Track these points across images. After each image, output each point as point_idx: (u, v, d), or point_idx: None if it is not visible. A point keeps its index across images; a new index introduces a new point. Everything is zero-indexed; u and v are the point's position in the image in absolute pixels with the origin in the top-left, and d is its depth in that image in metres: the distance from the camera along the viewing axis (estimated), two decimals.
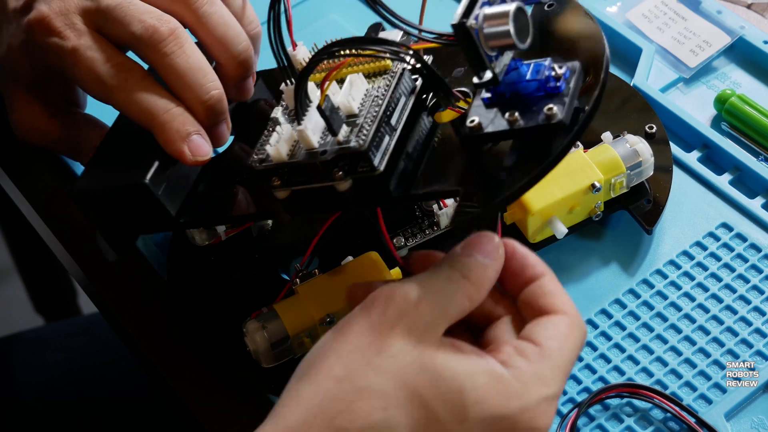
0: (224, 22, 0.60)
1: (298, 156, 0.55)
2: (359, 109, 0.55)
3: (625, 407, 0.58)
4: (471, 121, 0.53)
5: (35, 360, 0.94)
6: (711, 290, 0.61)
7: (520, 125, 0.52)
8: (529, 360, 0.48)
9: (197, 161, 0.57)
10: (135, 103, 0.57)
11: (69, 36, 0.59)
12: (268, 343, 0.57)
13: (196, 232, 0.64)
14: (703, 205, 0.65)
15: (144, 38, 0.58)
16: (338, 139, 0.54)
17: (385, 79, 0.57)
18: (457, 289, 0.49)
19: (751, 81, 0.71)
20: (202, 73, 0.58)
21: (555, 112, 0.51)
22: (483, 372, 0.47)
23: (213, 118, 0.58)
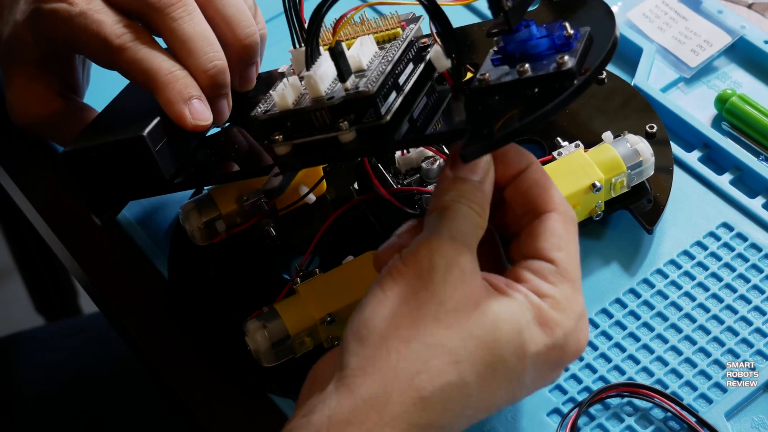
0: (234, 4, 0.60)
1: (304, 104, 0.54)
2: (368, 65, 0.55)
3: (625, 407, 0.58)
4: (481, 74, 0.54)
5: (35, 359, 0.94)
6: (711, 290, 0.61)
7: (529, 74, 0.53)
8: (553, 283, 0.50)
9: (197, 125, 0.57)
10: (139, 63, 0.57)
11: (77, 1, 0.59)
12: (268, 342, 0.57)
13: (196, 232, 0.64)
14: (703, 204, 0.65)
15: (153, 2, 0.58)
16: (346, 86, 0.53)
17: (393, 44, 0.57)
18: (471, 221, 0.50)
19: (751, 81, 0.71)
20: (207, 42, 0.58)
21: (566, 60, 0.52)
22: (528, 307, 0.49)
23: (214, 89, 0.58)
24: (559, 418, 0.58)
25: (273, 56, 0.68)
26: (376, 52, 0.56)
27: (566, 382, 0.59)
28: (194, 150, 0.60)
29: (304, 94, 0.55)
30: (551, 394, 0.59)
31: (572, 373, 0.59)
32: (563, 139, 0.65)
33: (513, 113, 0.52)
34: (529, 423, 0.58)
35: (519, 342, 0.48)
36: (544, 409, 0.58)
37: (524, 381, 0.49)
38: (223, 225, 0.63)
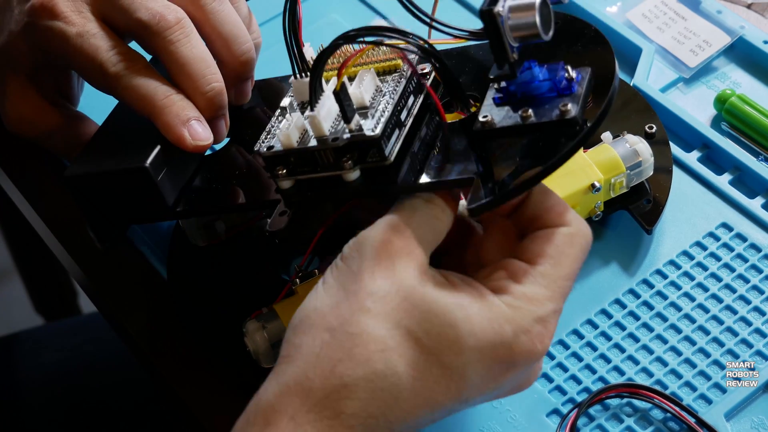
0: (230, 21, 0.60)
1: (308, 143, 0.54)
2: (370, 102, 0.55)
3: (625, 407, 0.58)
4: (484, 116, 0.54)
5: (33, 360, 0.94)
6: (711, 290, 0.61)
7: (532, 120, 0.53)
8: (521, 282, 0.48)
9: (197, 146, 0.57)
10: (135, 90, 0.58)
11: (74, 21, 0.59)
12: (268, 343, 0.57)
13: (196, 232, 0.64)
14: (703, 205, 0.65)
15: (150, 25, 0.58)
16: (350, 127, 0.54)
17: (394, 78, 0.57)
18: (424, 214, 0.49)
19: (751, 81, 0.71)
20: (204, 65, 0.58)
21: (569, 108, 0.52)
22: (473, 301, 0.47)
23: (213, 111, 0.58)
24: (558, 418, 0.58)
25: (269, 59, 0.68)
26: (378, 87, 0.56)
27: (566, 383, 0.59)
28: (194, 172, 0.60)
29: (308, 131, 0.55)
30: (551, 395, 0.59)
31: (572, 374, 0.59)
32: None
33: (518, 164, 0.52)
34: (529, 423, 0.58)
35: (453, 335, 0.46)
36: (543, 409, 0.58)
37: (469, 378, 0.47)
38: (223, 225, 0.63)
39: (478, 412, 0.58)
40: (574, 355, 0.60)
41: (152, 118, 0.57)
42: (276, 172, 0.55)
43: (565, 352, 0.60)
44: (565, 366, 0.60)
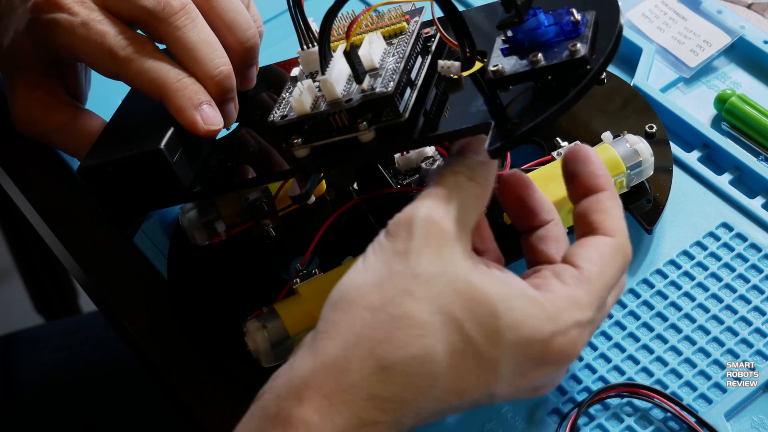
0: (234, 8, 0.60)
1: (321, 107, 0.54)
2: (380, 63, 0.55)
3: (625, 407, 0.58)
4: (494, 65, 0.54)
5: (32, 359, 0.94)
6: (711, 290, 0.61)
7: (542, 64, 0.53)
8: (566, 283, 0.48)
9: (209, 130, 0.57)
10: (147, 73, 0.58)
11: (78, 11, 0.59)
12: (268, 342, 0.57)
13: (196, 232, 0.64)
14: (703, 204, 0.65)
15: (156, 11, 0.58)
16: (363, 87, 0.54)
17: (401, 39, 0.57)
18: (468, 194, 0.49)
19: (751, 81, 0.71)
20: (212, 48, 0.58)
21: (579, 47, 0.52)
22: (517, 295, 0.47)
23: (222, 94, 0.58)
24: (558, 418, 0.58)
25: (272, 56, 0.68)
26: (386, 49, 0.56)
27: (566, 383, 0.59)
28: (208, 155, 0.60)
29: (320, 96, 0.55)
30: (551, 394, 0.59)
31: (572, 373, 0.59)
32: (563, 139, 0.65)
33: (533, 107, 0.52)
34: (529, 423, 0.58)
35: (494, 326, 0.46)
36: (543, 409, 0.58)
37: (500, 372, 0.47)
38: (223, 225, 0.63)
39: (478, 411, 0.58)
40: None
41: (165, 101, 0.57)
42: (291, 141, 0.55)
43: None
44: None
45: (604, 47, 0.53)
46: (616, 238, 0.51)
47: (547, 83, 0.53)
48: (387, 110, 0.54)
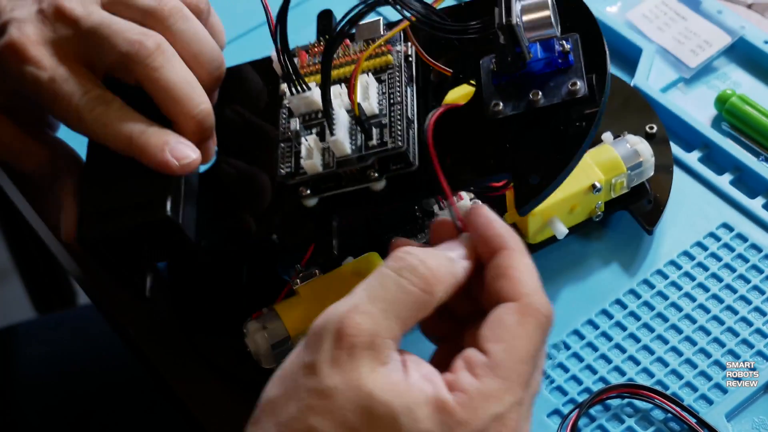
0: (198, 39, 0.59)
1: (333, 165, 0.55)
2: (379, 108, 0.56)
3: (625, 408, 0.58)
4: (495, 104, 0.54)
5: (21, 353, 0.93)
6: (711, 290, 0.61)
7: (543, 103, 0.53)
8: (476, 375, 0.45)
9: (184, 165, 0.56)
10: (113, 135, 0.57)
11: (45, 65, 0.58)
12: (268, 343, 0.57)
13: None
14: (703, 205, 0.65)
15: (131, 54, 0.57)
16: (372, 143, 0.54)
17: (391, 76, 0.57)
18: (395, 289, 0.46)
19: (751, 81, 0.71)
20: (190, 87, 0.58)
21: (579, 86, 0.53)
22: (423, 403, 0.44)
23: (203, 132, 0.58)
24: (559, 419, 0.58)
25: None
26: (378, 88, 0.56)
27: (566, 383, 0.59)
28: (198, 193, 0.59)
29: (325, 148, 0.55)
30: (551, 395, 0.59)
31: (572, 374, 0.59)
32: None
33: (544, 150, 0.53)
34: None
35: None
36: (544, 410, 0.58)
37: None
38: None
39: None
40: (575, 355, 0.60)
41: (134, 156, 0.57)
42: (300, 193, 0.55)
43: (566, 352, 0.60)
44: (566, 366, 0.60)
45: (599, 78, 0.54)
46: (520, 301, 0.46)
47: (557, 127, 0.54)
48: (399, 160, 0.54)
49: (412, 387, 0.45)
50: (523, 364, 0.46)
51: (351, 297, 0.46)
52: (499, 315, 0.46)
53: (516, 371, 0.45)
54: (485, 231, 0.48)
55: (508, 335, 0.46)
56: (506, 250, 0.48)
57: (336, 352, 0.45)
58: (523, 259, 0.48)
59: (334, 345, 0.45)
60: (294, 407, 0.45)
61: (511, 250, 0.48)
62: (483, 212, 0.49)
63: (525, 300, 0.46)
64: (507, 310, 0.46)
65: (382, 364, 0.45)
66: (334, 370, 0.45)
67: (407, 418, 0.44)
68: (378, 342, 0.45)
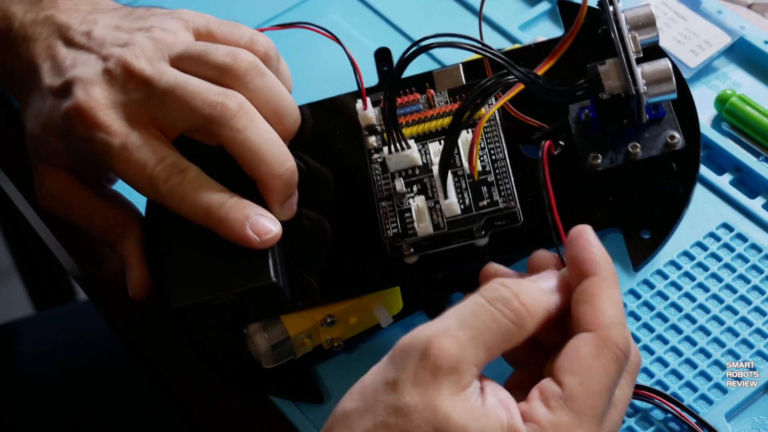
0: (275, 95, 0.57)
1: (444, 226, 0.56)
2: (482, 165, 0.57)
3: None
4: (594, 157, 0.55)
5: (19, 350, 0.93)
6: (711, 291, 0.61)
7: (641, 156, 0.55)
8: (550, 407, 0.45)
9: (265, 241, 0.54)
10: (190, 204, 0.55)
11: (117, 131, 0.56)
12: (268, 344, 0.57)
13: None
14: (703, 205, 0.65)
15: (213, 116, 0.55)
16: (483, 203, 0.56)
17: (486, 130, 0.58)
18: (486, 319, 0.46)
19: (751, 81, 0.71)
20: (275, 147, 0.56)
21: (677, 139, 0.55)
22: (497, 430, 0.44)
23: (288, 190, 0.56)
24: None
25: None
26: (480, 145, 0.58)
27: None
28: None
29: (432, 208, 0.56)
30: None
31: None
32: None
33: (650, 201, 0.56)
34: None
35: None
36: None
37: None
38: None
39: None
40: None
41: (213, 229, 0.55)
42: (402, 252, 0.56)
43: None
44: None
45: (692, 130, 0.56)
46: (598, 332, 0.46)
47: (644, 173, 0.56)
48: (505, 218, 0.56)
49: (489, 413, 0.45)
50: (597, 398, 0.45)
51: (441, 320, 0.46)
52: (575, 345, 0.46)
53: (589, 405, 0.45)
54: (581, 253, 0.48)
55: (583, 368, 0.46)
56: (596, 277, 0.48)
57: (420, 372, 0.45)
58: (610, 290, 0.47)
59: (419, 365, 0.45)
60: (369, 422, 0.45)
61: (600, 278, 0.48)
62: (586, 234, 0.49)
63: (603, 332, 0.46)
64: (584, 341, 0.46)
65: (463, 389, 0.45)
66: (415, 390, 0.45)
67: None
68: (463, 367, 0.45)
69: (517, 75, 0.53)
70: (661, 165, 0.56)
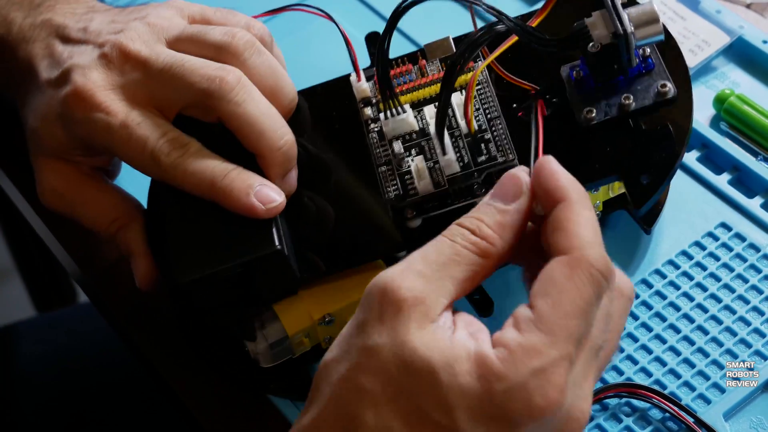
0: (273, 71, 0.58)
1: (445, 184, 0.56)
2: (478, 124, 0.57)
3: (623, 407, 0.58)
4: (588, 111, 0.56)
5: (20, 352, 0.93)
6: (710, 290, 0.61)
7: (633, 107, 0.56)
8: (520, 330, 0.44)
9: (270, 209, 0.55)
10: (193, 176, 0.55)
11: (116, 110, 0.56)
12: (266, 343, 0.57)
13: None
14: (702, 204, 0.65)
15: (211, 90, 0.56)
16: (482, 159, 0.56)
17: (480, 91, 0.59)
18: (453, 257, 0.46)
19: (750, 81, 0.71)
20: (273, 120, 0.56)
21: (669, 88, 0.56)
22: (464, 358, 0.44)
23: (288, 163, 0.57)
24: None
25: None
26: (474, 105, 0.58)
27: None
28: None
29: (432, 168, 0.57)
30: None
31: None
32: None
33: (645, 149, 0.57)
34: None
35: (438, 394, 0.43)
36: None
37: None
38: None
39: None
40: None
41: (216, 200, 0.55)
42: (406, 215, 0.56)
43: None
44: None
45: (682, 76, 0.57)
46: (572, 254, 0.45)
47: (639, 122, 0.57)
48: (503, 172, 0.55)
49: (456, 343, 0.44)
50: (571, 319, 0.44)
51: (405, 260, 0.46)
52: (549, 269, 0.45)
53: (562, 326, 0.44)
54: (548, 182, 0.47)
55: (555, 289, 0.45)
56: (566, 202, 0.46)
57: (385, 309, 0.45)
58: (582, 212, 0.46)
59: (383, 303, 0.45)
60: (345, 366, 0.45)
61: (570, 202, 0.46)
62: (549, 164, 0.48)
63: (576, 253, 0.45)
64: (557, 264, 0.45)
65: (431, 322, 0.45)
66: (382, 327, 0.45)
67: (446, 372, 0.44)
68: (430, 300, 0.45)
69: (507, 24, 0.53)
70: (655, 114, 0.57)
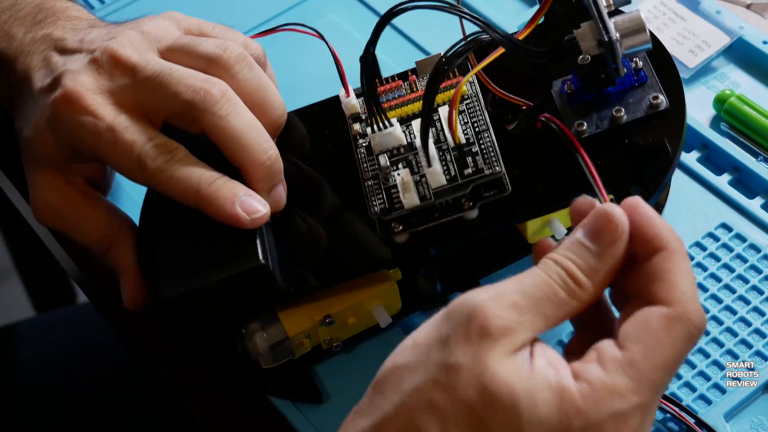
0: (262, 87, 0.58)
1: (430, 197, 0.55)
2: (465, 137, 0.57)
3: None
4: (579, 124, 0.55)
5: (19, 352, 0.93)
6: (710, 290, 0.61)
7: (625, 120, 0.55)
8: (606, 369, 0.44)
9: (254, 220, 0.55)
10: (178, 182, 0.55)
11: (103, 114, 0.56)
12: (267, 344, 0.57)
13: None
14: (702, 205, 0.65)
15: (196, 102, 0.55)
16: (468, 171, 0.55)
17: (468, 104, 0.58)
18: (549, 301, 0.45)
19: (750, 81, 0.71)
20: (256, 133, 0.56)
21: (661, 100, 0.55)
22: (545, 389, 0.43)
23: (272, 178, 0.57)
24: None
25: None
26: (460, 119, 0.58)
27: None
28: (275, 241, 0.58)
29: (419, 182, 0.56)
30: None
31: None
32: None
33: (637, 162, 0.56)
34: None
35: (516, 423, 0.43)
36: None
37: None
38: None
39: None
40: None
41: (201, 208, 0.55)
42: (393, 230, 0.55)
43: None
44: None
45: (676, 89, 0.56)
46: (674, 307, 0.45)
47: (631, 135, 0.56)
48: (493, 187, 0.55)
49: (536, 373, 0.44)
50: (660, 371, 0.44)
51: (500, 285, 0.46)
52: (646, 315, 0.45)
53: (650, 376, 0.44)
54: (645, 230, 0.47)
55: (651, 338, 0.44)
56: (666, 251, 0.46)
57: (471, 330, 0.44)
58: (682, 263, 0.46)
59: (471, 323, 0.44)
60: (420, 377, 0.45)
61: (671, 252, 0.46)
62: (643, 209, 0.47)
63: (678, 308, 0.45)
64: (656, 313, 0.45)
65: (514, 352, 0.45)
66: (467, 348, 0.44)
67: (527, 402, 0.43)
68: (518, 332, 0.45)
69: (492, 35, 0.53)
70: (647, 126, 0.56)
